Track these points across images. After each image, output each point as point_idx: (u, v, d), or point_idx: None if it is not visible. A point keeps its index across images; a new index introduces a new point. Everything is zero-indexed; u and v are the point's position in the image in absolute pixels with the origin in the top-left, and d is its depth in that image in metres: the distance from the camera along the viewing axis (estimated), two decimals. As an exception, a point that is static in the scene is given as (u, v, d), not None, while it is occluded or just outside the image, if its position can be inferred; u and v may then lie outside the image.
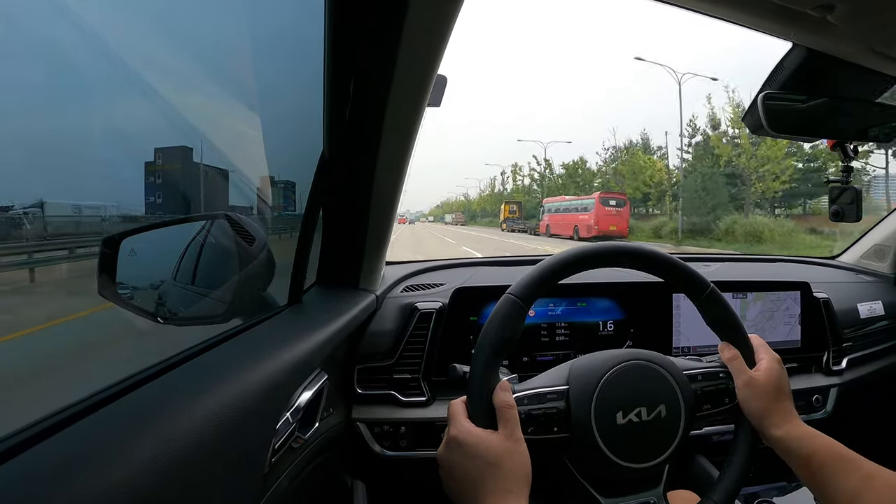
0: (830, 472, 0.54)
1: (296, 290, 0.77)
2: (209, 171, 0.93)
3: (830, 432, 0.58)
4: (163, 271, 0.74)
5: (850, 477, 0.53)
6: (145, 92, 0.72)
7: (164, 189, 0.86)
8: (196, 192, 0.96)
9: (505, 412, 0.53)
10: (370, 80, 0.66)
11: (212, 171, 0.95)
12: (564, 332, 1.06)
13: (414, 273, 1.18)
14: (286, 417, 0.58)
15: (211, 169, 0.94)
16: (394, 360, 0.97)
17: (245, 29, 0.83)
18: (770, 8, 0.58)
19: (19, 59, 0.56)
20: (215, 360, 0.52)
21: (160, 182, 0.85)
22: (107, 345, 0.96)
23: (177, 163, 0.89)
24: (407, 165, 0.78)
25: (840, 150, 0.86)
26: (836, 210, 0.95)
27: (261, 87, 0.85)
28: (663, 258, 0.63)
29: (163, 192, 0.86)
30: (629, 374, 0.58)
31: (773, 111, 0.76)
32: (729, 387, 0.61)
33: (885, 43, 0.65)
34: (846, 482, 0.53)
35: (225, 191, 0.98)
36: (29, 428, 0.34)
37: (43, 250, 0.90)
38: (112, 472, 0.31)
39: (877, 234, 1.47)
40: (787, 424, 0.58)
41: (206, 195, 0.96)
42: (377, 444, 0.94)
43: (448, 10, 0.57)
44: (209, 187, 0.95)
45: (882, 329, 1.29)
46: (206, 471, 0.40)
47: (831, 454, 0.55)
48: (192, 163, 0.89)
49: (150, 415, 0.38)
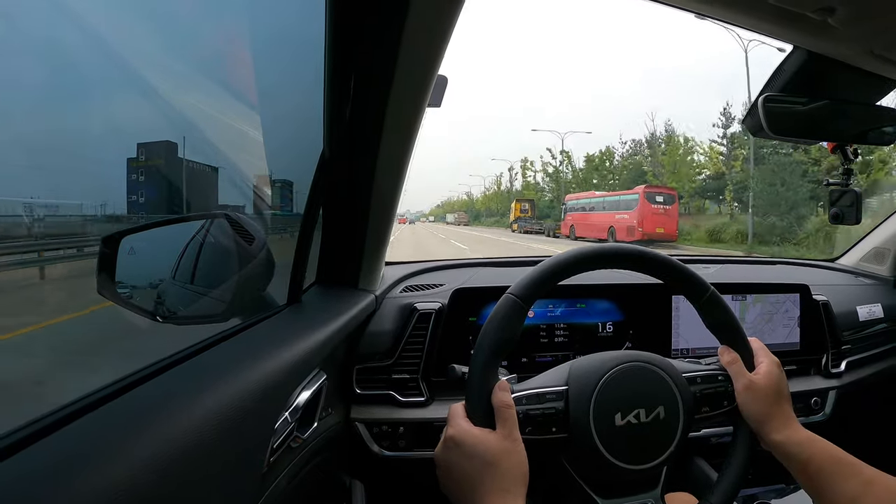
0: (829, 476, 0.54)
1: (295, 290, 0.77)
2: (196, 167, 0.90)
3: (829, 435, 0.58)
4: (162, 270, 0.73)
5: (849, 482, 0.53)
6: (145, 91, 0.72)
7: (147, 187, 0.83)
8: (181, 190, 0.93)
9: (503, 412, 0.53)
10: (371, 80, 0.66)
11: (199, 167, 0.92)
12: (563, 333, 1.06)
13: (413, 273, 1.18)
14: (285, 417, 0.58)
15: (198, 165, 0.91)
16: (393, 361, 0.97)
17: (245, 28, 0.83)
18: (770, 10, 0.58)
19: (19, 57, 0.56)
20: (214, 360, 0.52)
21: (143, 179, 0.82)
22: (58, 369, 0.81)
23: (159, 158, 0.86)
24: (407, 165, 0.78)
25: (840, 152, 0.86)
26: (835, 213, 0.95)
27: (261, 86, 0.85)
28: (663, 260, 0.63)
29: (145, 190, 0.83)
30: (628, 375, 0.58)
31: (773, 114, 0.76)
32: (728, 390, 0.61)
33: (886, 46, 0.65)
34: (845, 487, 0.53)
35: (210, 187, 0.95)
36: (29, 426, 0.34)
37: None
38: (112, 470, 0.31)
39: (876, 236, 1.48)
40: (787, 429, 0.58)
41: (191, 192, 0.93)
42: (376, 444, 0.94)
43: (449, 10, 0.57)
44: (196, 184, 0.92)
45: (881, 332, 1.29)
46: (205, 470, 0.40)
47: (830, 458, 0.55)
48: (176, 158, 0.86)
49: (149, 413, 0.38)
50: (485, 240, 19.97)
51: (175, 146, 0.86)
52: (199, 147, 0.88)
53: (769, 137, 0.79)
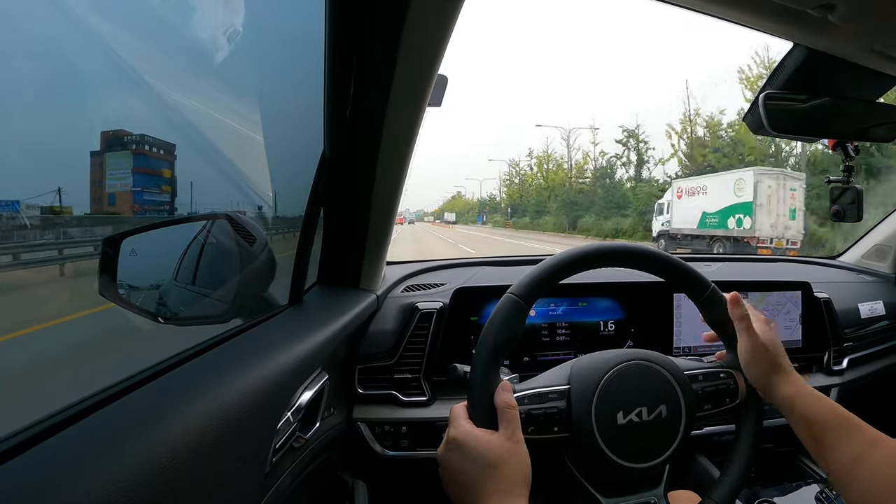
0: (834, 435, 0.54)
1: (297, 290, 0.77)
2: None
3: None
4: (163, 271, 0.73)
5: (854, 441, 0.53)
6: (144, 91, 0.72)
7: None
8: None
9: (506, 412, 0.53)
10: (371, 80, 0.66)
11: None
12: (565, 332, 1.05)
13: (414, 273, 1.18)
14: (287, 417, 0.58)
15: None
16: (394, 360, 0.97)
17: (246, 29, 0.83)
18: (771, 8, 0.58)
19: (19, 57, 0.56)
20: (216, 361, 0.52)
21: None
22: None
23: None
24: (408, 165, 0.78)
25: (841, 149, 0.86)
26: (836, 210, 0.95)
27: (262, 87, 0.85)
28: (664, 258, 0.63)
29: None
30: (630, 374, 0.58)
31: (773, 111, 0.76)
32: (730, 387, 0.61)
33: (886, 43, 0.65)
34: (850, 446, 0.53)
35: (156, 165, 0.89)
36: (28, 429, 0.34)
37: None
38: (113, 472, 0.31)
39: (878, 233, 1.47)
40: (795, 385, 0.58)
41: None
42: (378, 444, 0.94)
43: (449, 10, 0.57)
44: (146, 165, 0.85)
45: (883, 329, 1.29)
46: (208, 471, 0.40)
47: (836, 418, 0.55)
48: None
49: (151, 415, 0.38)
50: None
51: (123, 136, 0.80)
52: (199, 147, 0.88)
53: (770, 135, 0.79)
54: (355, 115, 0.70)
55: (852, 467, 0.52)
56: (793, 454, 1.15)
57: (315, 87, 0.68)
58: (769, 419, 0.62)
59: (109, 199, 0.83)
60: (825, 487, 0.97)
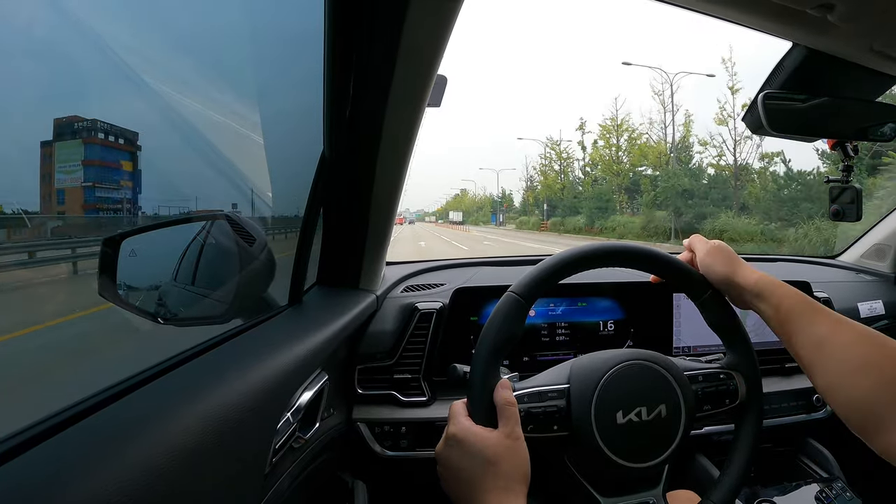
0: (800, 317, 0.56)
1: (296, 291, 0.77)
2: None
3: (831, 432, 0.58)
4: (163, 271, 0.73)
5: (819, 323, 0.55)
6: (143, 91, 0.72)
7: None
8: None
9: (506, 409, 0.53)
10: (371, 80, 0.66)
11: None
12: (565, 331, 1.06)
13: (414, 273, 1.18)
14: (287, 418, 0.58)
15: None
16: (394, 361, 0.97)
17: (245, 29, 0.83)
18: (770, 7, 0.58)
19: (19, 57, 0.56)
20: (216, 361, 0.52)
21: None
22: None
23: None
24: (407, 165, 0.78)
25: (840, 149, 0.86)
26: (836, 210, 0.95)
27: (261, 86, 0.85)
28: (664, 258, 0.63)
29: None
30: (630, 373, 0.58)
31: (772, 111, 0.76)
32: (730, 388, 0.61)
33: (886, 43, 0.65)
34: (816, 328, 0.55)
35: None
36: (29, 429, 0.34)
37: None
38: (114, 472, 0.31)
39: (877, 233, 1.47)
40: (754, 272, 0.61)
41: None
42: (378, 444, 0.94)
43: (448, 10, 0.57)
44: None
45: (882, 328, 1.28)
46: (207, 471, 0.40)
47: (801, 301, 0.57)
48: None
49: (151, 416, 0.38)
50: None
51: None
52: (198, 147, 0.88)
53: (769, 135, 0.79)
54: (355, 115, 0.70)
55: (818, 349, 0.54)
56: (793, 454, 1.15)
57: (314, 87, 0.68)
58: (769, 419, 0.62)
59: (58, 195, 0.76)
60: (825, 487, 0.97)
